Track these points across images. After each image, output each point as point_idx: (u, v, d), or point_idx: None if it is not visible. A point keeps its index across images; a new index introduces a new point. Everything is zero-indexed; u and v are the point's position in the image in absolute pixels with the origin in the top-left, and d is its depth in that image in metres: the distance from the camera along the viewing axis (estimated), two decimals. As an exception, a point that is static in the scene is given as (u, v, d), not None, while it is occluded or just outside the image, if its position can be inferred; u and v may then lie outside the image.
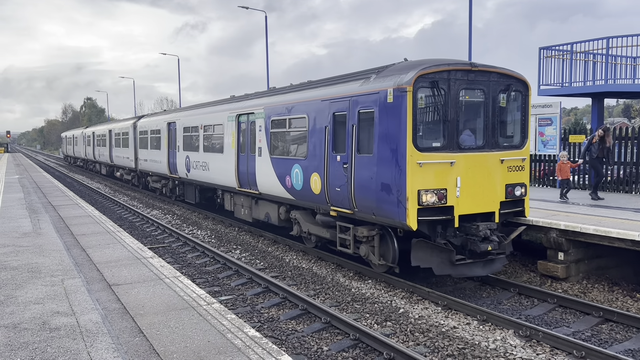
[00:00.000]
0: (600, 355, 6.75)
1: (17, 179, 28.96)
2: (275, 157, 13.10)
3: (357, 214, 10.15)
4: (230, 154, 15.66)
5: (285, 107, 12.78)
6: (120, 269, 8.65)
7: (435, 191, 9.06)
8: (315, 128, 11.34)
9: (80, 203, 18.02)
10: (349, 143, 10.18)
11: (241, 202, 15.79)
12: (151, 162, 24.64)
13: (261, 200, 14.46)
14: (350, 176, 10.09)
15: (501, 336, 7.67)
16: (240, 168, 15.09)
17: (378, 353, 7.12)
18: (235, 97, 17.11)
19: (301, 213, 12.53)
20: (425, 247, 9.26)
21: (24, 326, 5.97)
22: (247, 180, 14.72)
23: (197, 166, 18.59)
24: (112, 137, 33.64)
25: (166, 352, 5.25)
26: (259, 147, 13.85)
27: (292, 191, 12.37)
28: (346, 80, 10.93)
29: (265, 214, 14.33)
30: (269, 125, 13.39)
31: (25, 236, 11.48)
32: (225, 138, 16.06)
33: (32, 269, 8.58)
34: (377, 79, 9.78)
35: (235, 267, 11.68)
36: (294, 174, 12.16)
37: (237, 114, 15.30)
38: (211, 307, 6.68)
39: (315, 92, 11.66)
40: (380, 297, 9.59)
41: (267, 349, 5.32)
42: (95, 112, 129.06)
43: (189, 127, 19.56)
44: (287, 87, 13.98)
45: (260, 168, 13.84)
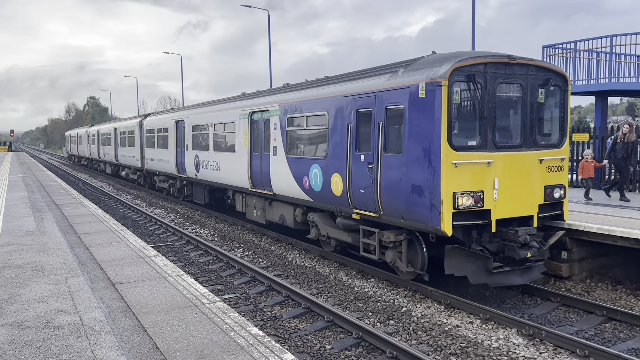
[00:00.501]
0: (604, 354, 6.73)
1: (21, 178, 29.05)
2: (292, 157, 12.52)
3: (384, 218, 9.56)
4: (243, 153, 15.05)
5: (302, 104, 12.14)
6: (124, 267, 8.67)
7: (471, 194, 8.43)
8: (337, 126, 10.77)
9: (83, 202, 18.06)
10: (374, 142, 9.60)
11: (254, 203, 15.20)
12: (158, 162, 24.06)
13: (276, 202, 13.86)
14: (376, 177, 9.53)
15: (504, 335, 7.66)
16: (253, 168, 14.50)
17: (381, 352, 7.12)
18: (247, 94, 16.57)
19: (320, 216, 11.99)
20: (460, 254, 8.61)
21: (28, 324, 5.99)
22: (260, 180, 14.13)
23: (207, 166, 17.96)
24: (118, 136, 33.04)
25: (169, 351, 5.26)
26: (274, 146, 13.23)
27: (310, 192, 11.80)
28: (371, 75, 10.30)
29: (280, 216, 13.76)
30: (284, 123, 12.78)
31: (29, 235, 11.52)
32: (237, 137, 15.48)
33: (36, 267, 8.61)
34: (406, 72, 9.17)
35: (238, 266, 11.69)
36: (312, 175, 11.57)
37: (250, 111, 14.68)
38: (214, 305, 6.69)
39: (337, 88, 11.06)
40: (383, 296, 9.59)
41: (270, 348, 5.33)
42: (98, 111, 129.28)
43: (198, 125, 18.92)
44: (304, 83, 13.28)
45: (275, 168, 13.23)
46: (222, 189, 17.84)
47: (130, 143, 29.51)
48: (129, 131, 29.77)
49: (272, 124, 13.35)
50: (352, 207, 10.38)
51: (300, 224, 12.98)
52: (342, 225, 11.03)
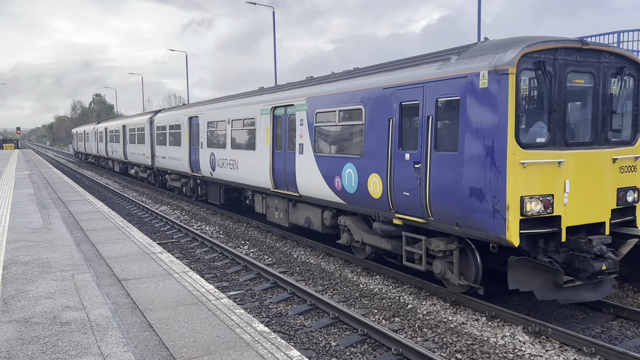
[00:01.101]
0: (611, 351, 6.70)
1: (28, 175, 29.19)
2: (322, 155, 11.55)
3: (433, 224, 8.58)
4: (264, 151, 14.08)
5: (334, 98, 11.15)
6: (130, 264, 8.70)
7: (540, 198, 7.48)
8: (375, 121, 9.77)
9: (89, 199, 18.14)
10: (422, 138, 8.60)
11: (275, 204, 14.21)
12: (170, 160, 23.11)
13: (301, 204, 12.94)
14: (425, 178, 8.51)
15: (510, 332, 7.64)
16: (276, 167, 13.53)
17: (386, 348, 7.12)
18: (268, 88, 15.59)
19: (353, 220, 11.03)
20: (527, 267, 7.68)
21: (35, 320, 6.02)
22: (284, 180, 13.18)
23: (223, 164, 16.99)
24: (127, 133, 32.23)
25: (175, 347, 5.28)
26: (300, 144, 12.27)
27: (342, 194, 10.86)
28: (415, 64, 9.30)
29: (305, 218, 12.81)
30: (313, 119, 11.79)
31: (36, 231, 11.58)
32: (258, 134, 14.45)
33: (43, 263, 8.65)
34: (460, 60, 8.21)
35: (243, 263, 11.71)
36: (345, 175, 10.62)
37: (272, 106, 13.65)
38: (220, 302, 6.71)
39: (375, 79, 10.01)
40: (388, 293, 9.58)
41: (275, 344, 5.34)
42: (104, 108, 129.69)
43: (214, 121, 17.84)
44: (335, 74, 12.23)
45: (301, 167, 12.28)
46: (240, 189, 17.02)
47: (140, 140, 28.67)
48: (139, 128, 28.90)
49: (298, 119, 12.38)
50: (393, 211, 9.39)
51: (329, 228, 12.01)
52: (380, 231, 10.01)
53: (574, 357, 6.82)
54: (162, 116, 25.09)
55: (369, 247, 10.77)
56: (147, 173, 28.97)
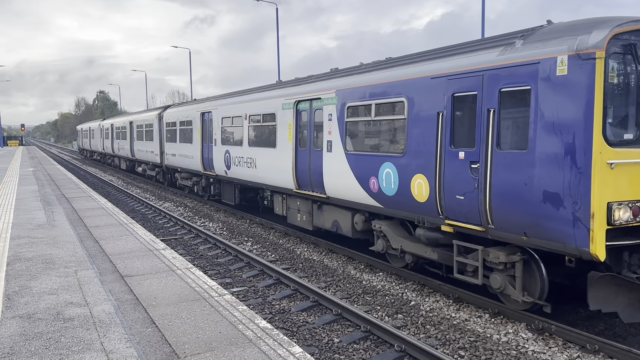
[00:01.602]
0: (614, 348, 6.68)
1: (32, 172, 29.29)
2: (354, 154, 10.54)
3: (493, 233, 7.58)
4: (286, 149, 13.08)
5: (369, 90, 10.07)
6: (133, 260, 8.72)
7: (629, 204, 6.51)
8: (420, 115, 8.76)
9: (93, 195, 18.18)
10: (481, 135, 7.57)
11: (297, 206, 13.24)
12: (180, 158, 22.00)
13: (328, 206, 11.95)
14: (484, 180, 7.48)
15: (513, 329, 7.62)
16: (299, 166, 12.54)
17: (389, 345, 7.11)
18: (289, 81, 14.37)
19: (390, 225, 10.06)
20: (610, 285, 6.76)
21: (39, 316, 6.04)
22: (308, 180, 12.23)
23: (239, 163, 15.95)
24: (134, 130, 31.10)
25: (178, 343, 5.28)
26: (328, 141, 11.30)
27: (379, 196, 9.87)
28: (471, 49, 8.26)
29: (332, 222, 11.83)
30: (343, 114, 10.79)
31: (40, 228, 11.61)
32: (279, 130, 13.45)
33: (46, 260, 8.68)
34: (528, 44, 7.22)
35: (246, 259, 11.72)
36: (383, 175, 9.62)
37: (296, 100, 12.63)
38: (223, 298, 6.71)
39: (421, 68, 9.01)
40: (391, 290, 9.57)
41: (278, 340, 5.34)
42: (107, 105, 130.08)
43: (230, 117, 16.76)
44: (369, 64, 11.12)
45: (330, 166, 11.29)
46: (257, 189, 16.11)
47: (148, 137, 27.62)
48: (147, 124, 27.85)
49: (326, 114, 11.40)
50: (442, 216, 8.40)
51: (360, 233, 11.08)
52: (425, 239, 8.95)
53: (578, 354, 6.80)
54: (172, 112, 23.95)
55: (409, 256, 9.70)
56: (155, 171, 27.99)
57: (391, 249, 10.09)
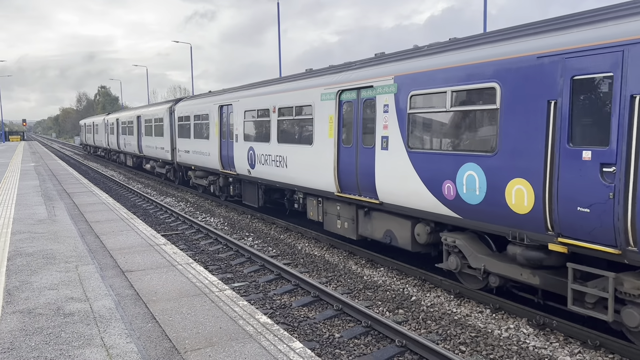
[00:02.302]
0: (616, 344, 6.66)
1: (33, 167, 29.31)
2: (420, 152, 8.90)
3: (634, 256, 6.03)
4: (325, 146, 11.55)
5: (444, 74, 8.42)
6: (134, 255, 8.71)
7: None
8: (520, 104, 7.16)
9: (94, 190, 18.18)
10: (619, 129, 6.00)
11: (337, 211, 11.72)
12: (195, 155, 20.45)
13: (378, 213, 10.39)
14: (624, 188, 5.96)
15: (514, 324, 7.61)
16: (343, 166, 11.03)
17: (390, 340, 7.10)
18: (328, 68, 12.63)
19: (467, 239, 8.44)
20: None
21: (39, 311, 6.04)
22: (355, 183, 10.70)
23: (266, 161, 14.38)
24: (142, 125, 29.47)
25: (178, 338, 5.27)
26: (384, 137, 9.72)
27: (456, 205, 8.20)
28: (595, 19, 6.58)
29: (384, 232, 10.29)
30: (405, 104, 9.19)
31: (41, 223, 11.61)
32: (317, 124, 11.87)
33: (47, 255, 8.67)
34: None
35: (247, 254, 11.72)
36: (463, 178, 8.00)
37: (339, 89, 11.05)
38: (223, 293, 6.70)
39: (521, 45, 7.29)
40: (392, 285, 9.56)
41: (278, 336, 5.33)
42: (109, 100, 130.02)
43: (254, 110, 15.14)
44: (442, 44, 9.30)
45: (384, 167, 9.74)
46: (285, 190, 14.51)
47: (157, 132, 25.89)
48: (157, 119, 26.13)
49: (380, 105, 9.82)
50: (552, 232, 6.83)
51: (423, 246, 9.56)
52: (523, 259, 7.36)
53: (579, 349, 6.79)
54: (185, 105, 22.13)
55: (495, 278, 8.11)
56: (165, 169, 26.04)
57: (467, 267, 8.49)
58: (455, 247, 8.63)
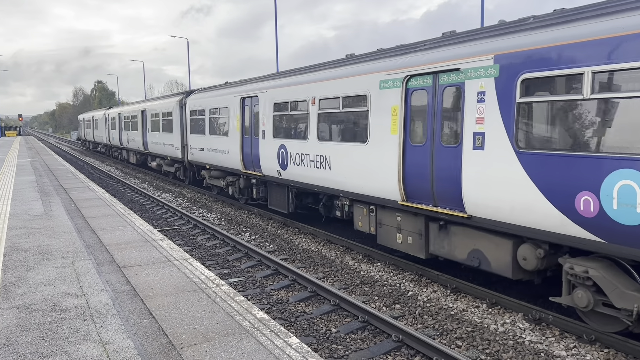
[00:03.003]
0: (611, 339, 6.69)
1: (29, 162, 29.22)
2: (538, 154, 6.92)
3: None
4: (385, 144, 9.60)
5: (578, 50, 6.39)
6: (130, 251, 8.70)
7: None
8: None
9: (91, 186, 18.14)
10: None
11: (398, 223, 9.75)
12: (211, 153, 18.49)
13: (461, 228, 8.42)
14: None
15: (510, 319, 7.64)
16: (411, 168, 9.11)
17: (387, 335, 7.12)
18: (389, 50, 10.42)
19: (606, 268, 6.49)
20: None
21: (35, 307, 6.03)
22: (428, 190, 8.72)
23: (302, 162, 12.50)
24: (147, 119, 27.36)
25: (175, 334, 5.28)
26: (477, 134, 7.72)
27: (598, 224, 6.26)
28: None
29: (470, 252, 8.28)
30: (513, 91, 7.17)
31: (37, 218, 11.59)
32: (373, 117, 9.90)
33: (43, 250, 8.66)
34: None
35: (244, 250, 11.72)
36: (613, 190, 6.06)
37: (406, 75, 9.14)
38: (220, 289, 6.70)
39: None
40: (389, 280, 9.58)
41: (275, 331, 5.33)
42: (105, 95, 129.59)
43: (287, 102, 13.25)
44: (567, 11, 7.15)
45: (478, 171, 7.70)
46: (323, 194, 12.63)
47: (166, 128, 23.95)
48: (165, 113, 24.13)
49: (471, 93, 7.82)
50: None
51: (529, 273, 7.68)
52: None
53: (574, 344, 6.82)
54: (198, 98, 20.15)
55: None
56: (174, 167, 24.13)
57: (601, 305, 6.60)
58: (587, 279, 6.65)
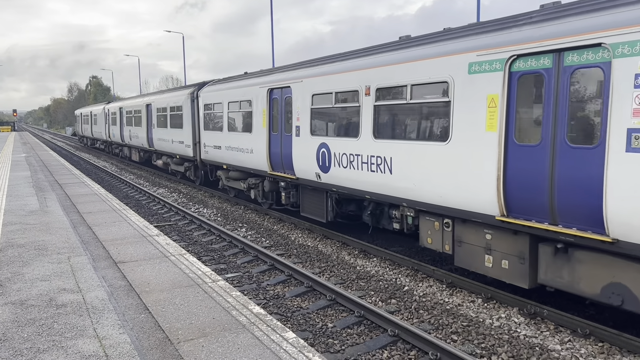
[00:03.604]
0: (605, 332, 6.74)
1: (24, 158, 29.10)
2: None
3: None
4: (477, 143, 7.75)
5: None
6: (126, 246, 8.69)
7: None
8: None
9: (86, 181, 18.09)
10: None
11: (487, 243, 7.96)
12: (230, 151, 16.52)
13: (596, 254, 6.54)
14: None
15: (506, 314, 7.68)
16: (515, 175, 7.25)
17: (382, 330, 7.15)
18: (480, 24, 8.35)
19: None
20: None
21: (31, 303, 6.02)
22: (545, 203, 6.88)
23: (351, 163, 10.65)
24: (152, 114, 25.43)
25: (171, 329, 5.28)
26: (634, 131, 5.90)
27: None
28: None
29: (606, 286, 6.46)
30: None
31: (32, 214, 11.55)
32: (459, 111, 8.07)
33: (39, 246, 8.64)
34: None
35: (241, 245, 11.72)
36: None
37: (512, 55, 7.18)
38: (216, 284, 6.71)
39: None
40: (385, 275, 9.61)
41: (271, 326, 5.35)
42: (100, 90, 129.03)
43: (329, 94, 11.30)
44: None
45: (628, 182, 5.93)
46: (366, 200, 11.01)
47: (175, 124, 22.03)
48: (173, 107, 22.17)
49: (622, 75, 5.96)
50: None
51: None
52: None
53: (569, 338, 6.87)
54: (213, 90, 18.10)
55: None
56: (184, 166, 22.07)
57: None
58: None
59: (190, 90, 20.48)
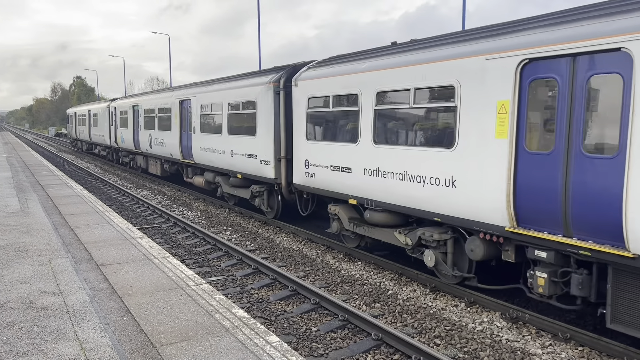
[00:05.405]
0: (585, 337, 6.83)
1: (5, 158, 28.65)
2: None
3: None
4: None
5: None
6: (109, 249, 8.60)
7: None
8: None
9: (69, 182, 17.87)
10: None
11: None
12: (373, 178, 10.10)
13: None
14: None
15: (488, 318, 7.74)
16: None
17: (366, 334, 7.16)
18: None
19: None
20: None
21: (10, 305, 5.93)
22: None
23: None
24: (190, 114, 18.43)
25: (154, 332, 5.24)
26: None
27: None
28: None
29: None
30: None
31: (13, 215, 11.37)
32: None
33: (19, 248, 8.51)
34: None
35: (225, 248, 11.67)
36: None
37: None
38: (200, 287, 6.67)
39: None
40: (369, 279, 9.63)
41: (255, 330, 5.33)
42: (84, 91, 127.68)
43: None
44: None
45: None
46: None
47: (238, 129, 15.20)
48: (237, 104, 15.13)
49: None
50: None
51: None
52: None
53: (550, 342, 6.94)
54: (322, 76, 11.34)
55: None
56: (252, 190, 14.83)
57: None
58: None
59: (271, 78, 13.40)
